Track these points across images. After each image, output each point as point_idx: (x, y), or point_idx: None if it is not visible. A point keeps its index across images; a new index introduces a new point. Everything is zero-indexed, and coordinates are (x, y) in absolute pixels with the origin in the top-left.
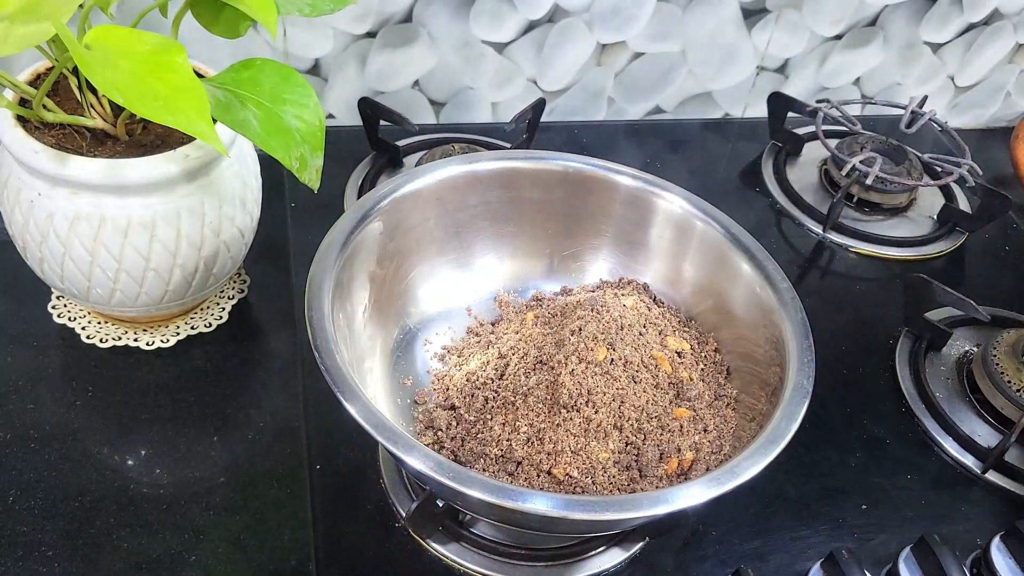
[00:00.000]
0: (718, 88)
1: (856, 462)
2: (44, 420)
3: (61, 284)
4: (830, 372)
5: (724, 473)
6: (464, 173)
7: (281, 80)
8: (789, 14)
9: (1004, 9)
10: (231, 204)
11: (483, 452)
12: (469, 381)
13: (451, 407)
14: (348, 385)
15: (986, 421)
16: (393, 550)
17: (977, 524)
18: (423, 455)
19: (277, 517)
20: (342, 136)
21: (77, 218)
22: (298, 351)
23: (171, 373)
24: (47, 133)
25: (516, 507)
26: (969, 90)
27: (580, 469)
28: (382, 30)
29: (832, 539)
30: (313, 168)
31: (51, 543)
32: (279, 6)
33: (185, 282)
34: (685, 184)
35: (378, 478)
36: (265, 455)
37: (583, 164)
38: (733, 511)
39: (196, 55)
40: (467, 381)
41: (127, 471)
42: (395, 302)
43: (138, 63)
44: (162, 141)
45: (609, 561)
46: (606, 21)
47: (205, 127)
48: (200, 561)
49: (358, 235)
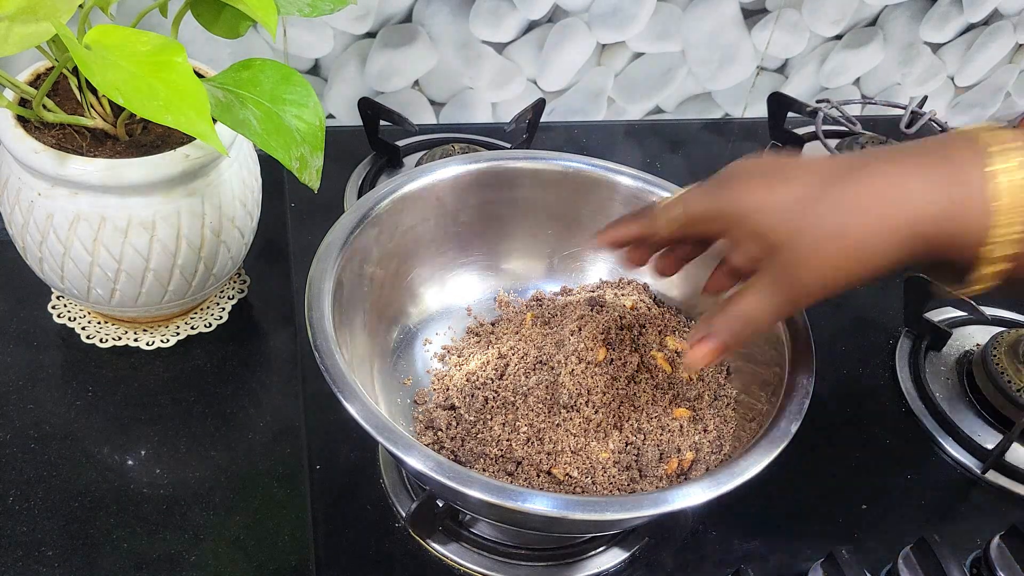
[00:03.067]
0: (718, 88)
1: (856, 462)
2: (44, 420)
3: (61, 284)
4: (830, 372)
5: (724, 473)
6: (464, 173)
7: (281, 80)
8: (789, 14)
9: (1004, 9)
10: (231, 204)
11: (483, 452)
12: (469, 381)
13: (451, 407)
14: (348, 385)
15: (986, 421)
16: (393, 550)
17: (977, 524)
18: (423, 455)
19: (277, 517)
20: (342, 136)
21: (77, 218)
22: (298, 351)
23: (171, 373)
24: (47, 133)
25: (516, 507)
26: (969, 90)
27: (580, 469)
28: (382, 30)
29: (832, 539)
30: (313, 168)
31: (51, 543)
32: (279, 6)
33: (185, 282)
34: (685, 184)
35: (378, 478)
36: (265, 455)
37: (583, 164)
38: (733, 511)
39: (196, 55)
40: (467, 381)
41: (127, 471)
42: (395, 302)
43: (138, 63)
44: (162, 141)
45: (609, 561)
46: (606, 21)
47: (205, 127)
48: (200, 561)
49: (358, 235)
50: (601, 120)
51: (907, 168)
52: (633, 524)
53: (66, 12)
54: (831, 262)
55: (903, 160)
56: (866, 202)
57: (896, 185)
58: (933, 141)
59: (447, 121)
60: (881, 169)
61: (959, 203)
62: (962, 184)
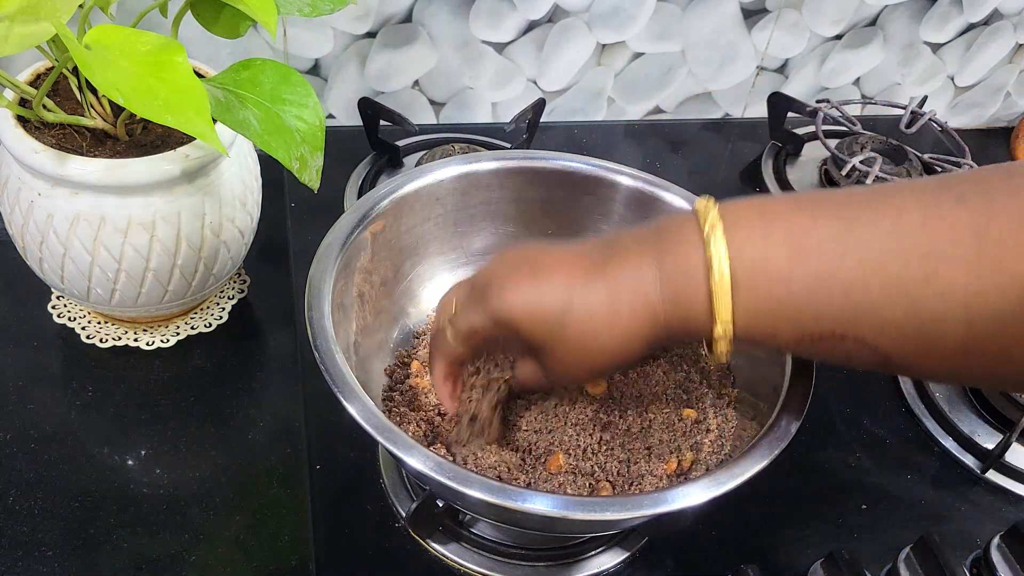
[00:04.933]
0: (718, 88)
1: (856, 462)
2: (44, 420)
3: (61, 284)
4: (830, 372)
5: (724, 473)
6: (464, 173)
7: (281, 80)
8: (789, 14)
9: (1004, 9)
10: (231, 204)
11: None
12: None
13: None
14: (348, 385)
15: (986, 421)
16: (393, 550)
17: (977, 524)
18: (423, 455)
19: (277, 517)
20: (342, 136)
21: (77, 218)
22: (298, 351)
23: (171, 373)
24: (47, 133)
25: (516, 507)
26: (969, 90)
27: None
28: (382, 30)
29: (832, 539)
30: (313, 168)
31: (51, 543)
32: (279, 6)
33: (185, 282)
34: (685, 184)
35: (378, 478)
36: (265, 455)
37: (583, 164)
38: (733, 511)
39: (196, 55)
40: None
41: (127, 471)
42: (395, 302)
43: (138, 63)
44: (162, 141)
45: (609, 561)
46: (606, 21)
47: (205, 127)
48: (200, 561)
49: (358, 235)
50: (601, 120)
51: (644, 260)
52: (633, 524)
53: (66, 12)
54: (582, 358)
55: (642, 251)
56: (611, 299)
57: (635, 279)
58: (668, 223)
59: (447, 121)
60: (619, 256)
61: (683, 287)
62: (685, 272)
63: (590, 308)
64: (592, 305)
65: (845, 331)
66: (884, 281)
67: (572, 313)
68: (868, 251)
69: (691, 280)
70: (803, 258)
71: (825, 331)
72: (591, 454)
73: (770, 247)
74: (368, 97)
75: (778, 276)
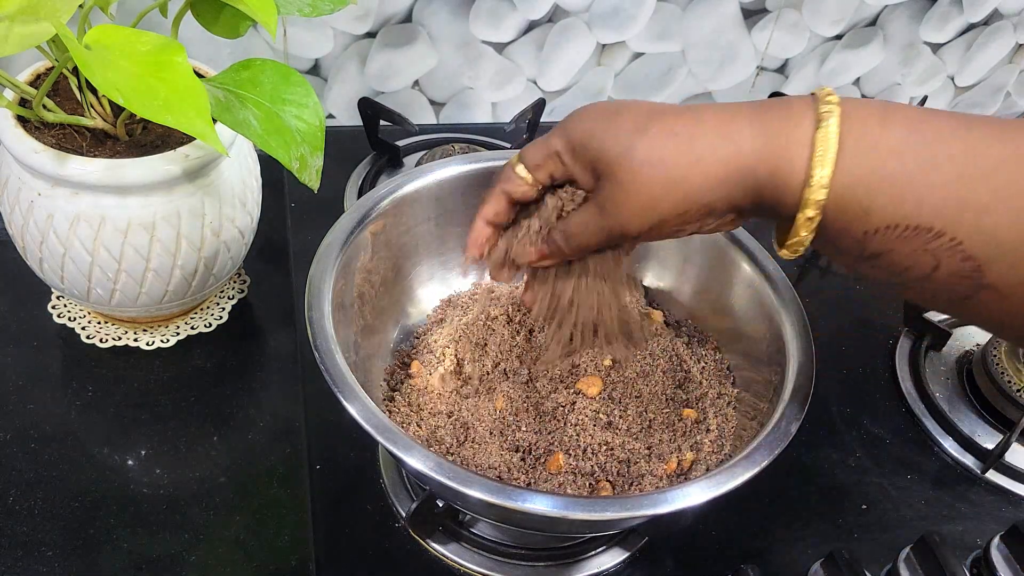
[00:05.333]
0: (718, 88)
1: (856, 462)
2: (44, 420)
3: (61, 284)
4: (830, 372)
5: (724, 473)
6: (464, 173)
7: (281, 80)
8: (789, 14)
9: (1004, 9)
10: (231, 204)
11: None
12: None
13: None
14: (348, 385)
15: (986, 421)
16: (393, 550)
17: (977, 524)
18: (423, 455)
19: (277, 517)
20: (342, 136)
21: (77, 218)
22: (298, 351)
23: (171, 373)
24: (47, 133)
25: (516, 507)
26: (969, 90)
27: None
28: (382, 30)
29: (832, 539)
30: (313, 168)
31: (51, 543)
32: (279, 6)
33: (185, 282)
34: None
35: (378, 478)
36: (265, 455)
37: None
38: (733, 511)
39: (196, 55)
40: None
41: (127, 471)
42: (395, 302)
43: (138, 63)
44: (162, 141)
45: (609, 561)
46: (606, 21)
47: (205, 127)
48: (200, 561)
49: (358, 235)
50: None
51: (740, 110)
52: (633, 524)
53: (66, 12)
54: (648, 190)
55: (738, 106)
56: (690, 132)
57: (725, 122)
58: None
59: (447, 121)
60: (712, 109)
61: (784, 142)
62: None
63: (670, 132)
64: (672, 131)
65: (944, 228)
66: (1001, 184)
67: (648, 134)
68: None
69: (793, 134)
70: (920, 138)
71: (923, 223)
72: (591, 454)
73: (887, 125)
74: (368, 97)
75: (889, 150)
